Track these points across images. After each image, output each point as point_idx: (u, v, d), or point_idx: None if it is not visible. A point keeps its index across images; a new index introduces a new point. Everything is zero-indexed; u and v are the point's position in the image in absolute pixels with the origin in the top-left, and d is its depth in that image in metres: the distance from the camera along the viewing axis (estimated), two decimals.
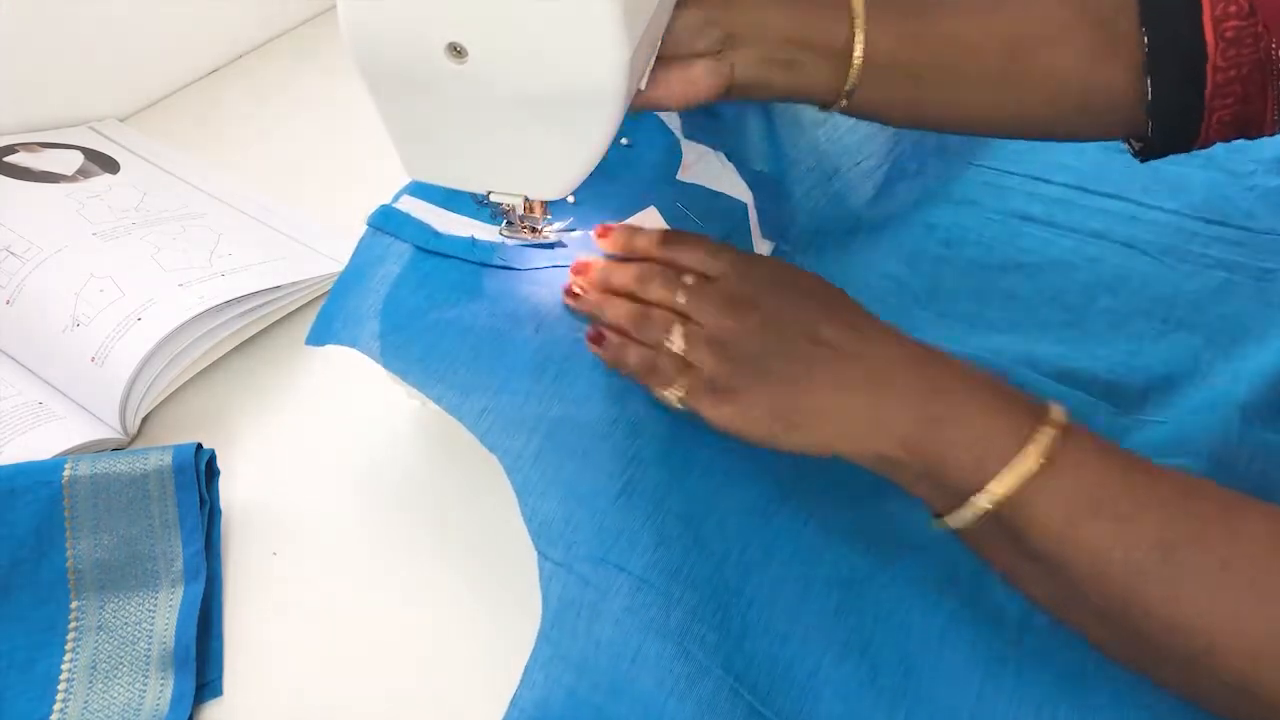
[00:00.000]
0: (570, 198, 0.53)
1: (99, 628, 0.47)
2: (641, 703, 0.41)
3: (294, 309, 0.63)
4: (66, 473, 0.49)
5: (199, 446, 0.51)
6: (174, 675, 0.46)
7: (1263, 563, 0.35)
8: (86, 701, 0.45)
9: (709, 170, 0.57)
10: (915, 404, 0.41)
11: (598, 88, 0.42)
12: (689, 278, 0.46)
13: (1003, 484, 0.38)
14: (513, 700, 0.42)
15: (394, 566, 0.50)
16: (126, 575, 0.49)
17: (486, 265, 0.52)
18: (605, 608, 0.43)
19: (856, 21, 0.48)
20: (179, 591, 0.48)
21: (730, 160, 0.59)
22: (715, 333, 0.44)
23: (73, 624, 0.48)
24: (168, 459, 0.50)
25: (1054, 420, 0.39)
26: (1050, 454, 0.38)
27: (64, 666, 0.46)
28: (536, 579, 0.44)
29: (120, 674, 0.46)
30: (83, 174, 0.71)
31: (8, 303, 0.59)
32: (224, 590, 0.50)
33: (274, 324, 0.63)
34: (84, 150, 0.74)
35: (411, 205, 0.55)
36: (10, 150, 0.71)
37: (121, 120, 0.80)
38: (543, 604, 0.44)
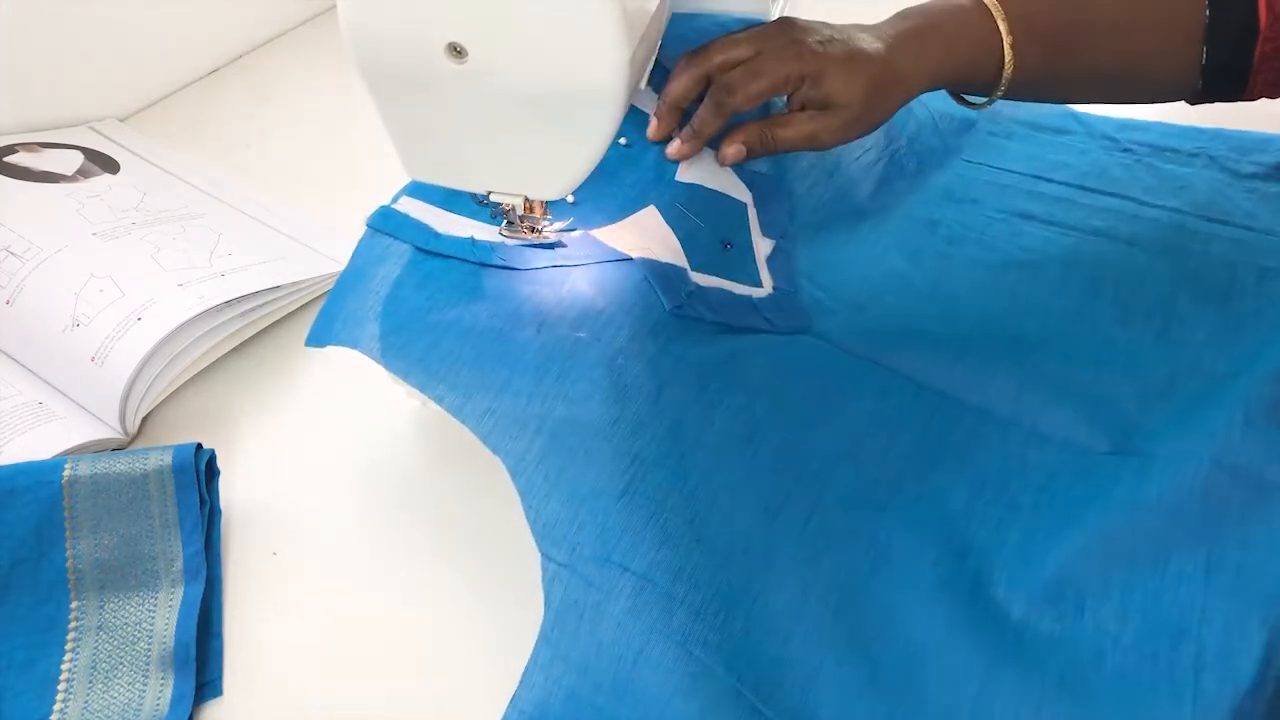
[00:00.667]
0: (570, 198, 0.53)
1: (99, 628, 0.47)
2: (644, 703, 0.41)
3: (294, 309, 0.63)
4: (66, 473, 0.49)
5: (199, 446, 0.51)
6: (174, 675, 0.46)
7: None
8: (86, 701, 0.45)
9: (707, 170, 0.57)
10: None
11: (598, 88, 0.42)
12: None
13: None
14: (511, 701, 0.42)
15: (394, 566, 0.50)
16: (126, 575, 0.49)
17: (486, 265, 0.52)
18: (608, 609, 0.43)
19: (1006, 69, 0.57)
20: (179, 591, 0.48)
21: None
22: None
23: (73, 624, 0.48)
24: (168, 459, 0.50)
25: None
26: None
27: (64, 666, 0.46)
28: (537, 579, 0.44)
29: (120, 674, 0.46)
30: (83, 174, 0.71)
31: (8, 303, 0.59)
32: (224, 590, 0.50)
33: (274, 324, 0.63)
34: (84, 150, 0.74)
35: (410, 206, 0.55)
36: (10, 150, 0.71)
37: (121, 120, 0.80)
38: (545, 606, 0.44)
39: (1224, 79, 0.59)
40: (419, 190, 0.56)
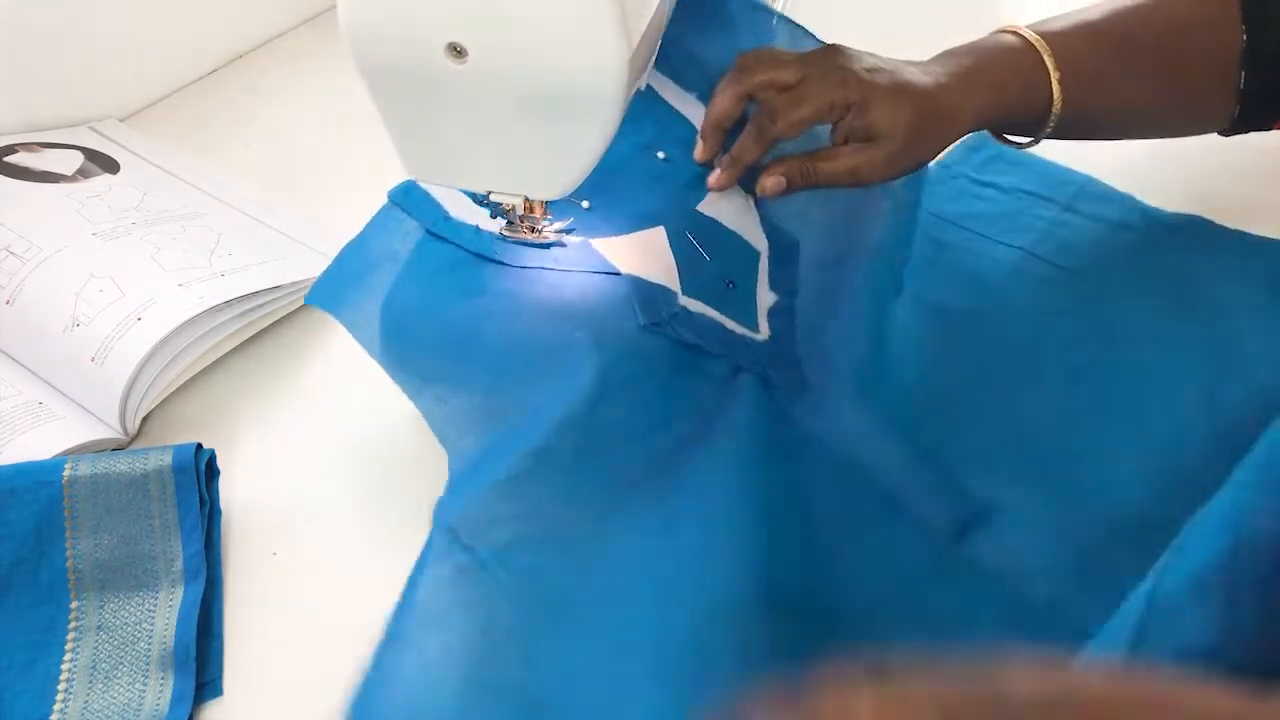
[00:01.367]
0: (584, 203, 0.53)
1: (99, 628, 0.47)
2: (413, 650, 0.42)
3: (294, 309, 0.63)
4: (66, 473, 0.49)
5: (199, 446, 0.51)
6: (174, 675, 0.46)
7: None
8: (86, 701, 0.45)
9: (731, 208, 0.56)
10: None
11: (598, 88, 0.42)
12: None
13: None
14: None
15: (394, 566, 0.50)
16: (126, 575, 0.49)
17: (480, 256, 0.52)
18: (433, 571, 0.43)
19: (1055, 107, 0.56)
20: (179, 591, 0.48)
21: (756, 208, 0.58)
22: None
23: (73, 624, 0.48)
24: (168, 459, 0.50)
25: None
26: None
27: (64, 666, 0.46)
28: None
29: (120, 674, 0.46)
30: (83, 174, 0.70)
31: (8, 303, 0.59)
32: (224, 590, 0.50)
33: (274, 324, 0.63)
34: (84, 150, 0.74)
35: (432, 185, 0.55)
36: (10, 150, 0.71)
37: (121, 120, 0.80)
38: None
39: (1259, 105, 0.58)
40: None
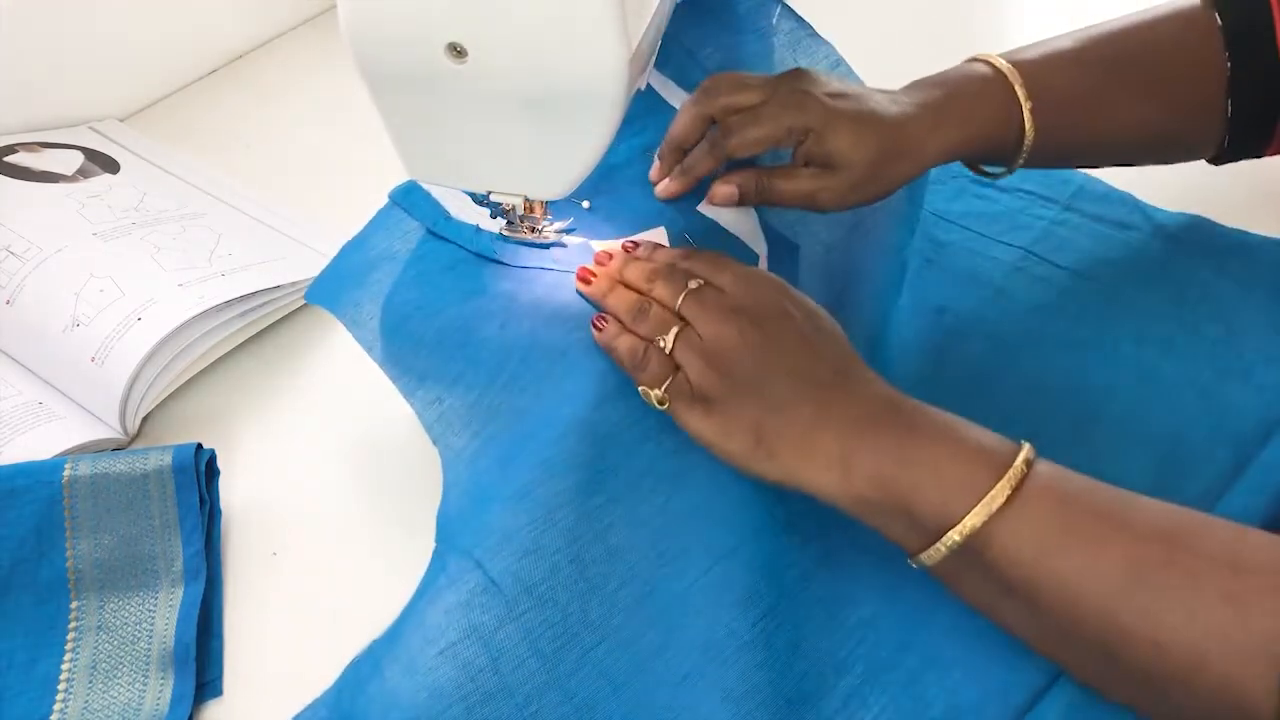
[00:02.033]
0: (585, 203, 0.53)
1: (99, 628, 0.47)
2: (429, 691, 0.41)
3: (294, 309, 0.63)
4: (66, 473, 0.49)
5: (199, 446, 0.51)
6: (174, 675, 0.46)
7: (1231, 574, 0.36)
8: (86, 701, 0.45)
9: (731, 210, 0.55)
10: (889, 447, 0.42)
11: (598, 88, 0.42)
12: (694, 282, 0.46)
13: (972, 518, 0.39)
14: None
15: (394, 566, 0.50)
16: (126, 575, 0.49)
17: (480, 256, 0.52)
18: (446, 595, 0.43)
19: (1027, 138, 0.54)
20: (179, 591, 0.48)
21: (757, 211, 0.57)
22: (711, 343, 0.44)
23: (73, 624, 0.48)
24: (168, 459, 0.50)
25: (1022, 455, 0.40)
26: (1016, 487, 0.39)
27: (64, 666, 0.46)
28: None
29: (120, 674, 0.46)
30: (83, 174, 0.71)
31: (8, 303, 0.59)
32: (224, 590, 0.50)
33: (274, 324, 0.63)
34: (84, 150, 0.74)
35: (432, 185, 0.55)
36: (10, 150, 0.71)
37: (121, 120, 0.80)
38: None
39: (1249, 132, 0.57)
40: None
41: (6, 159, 0.70)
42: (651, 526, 0.45)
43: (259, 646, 0.48)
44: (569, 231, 0.53)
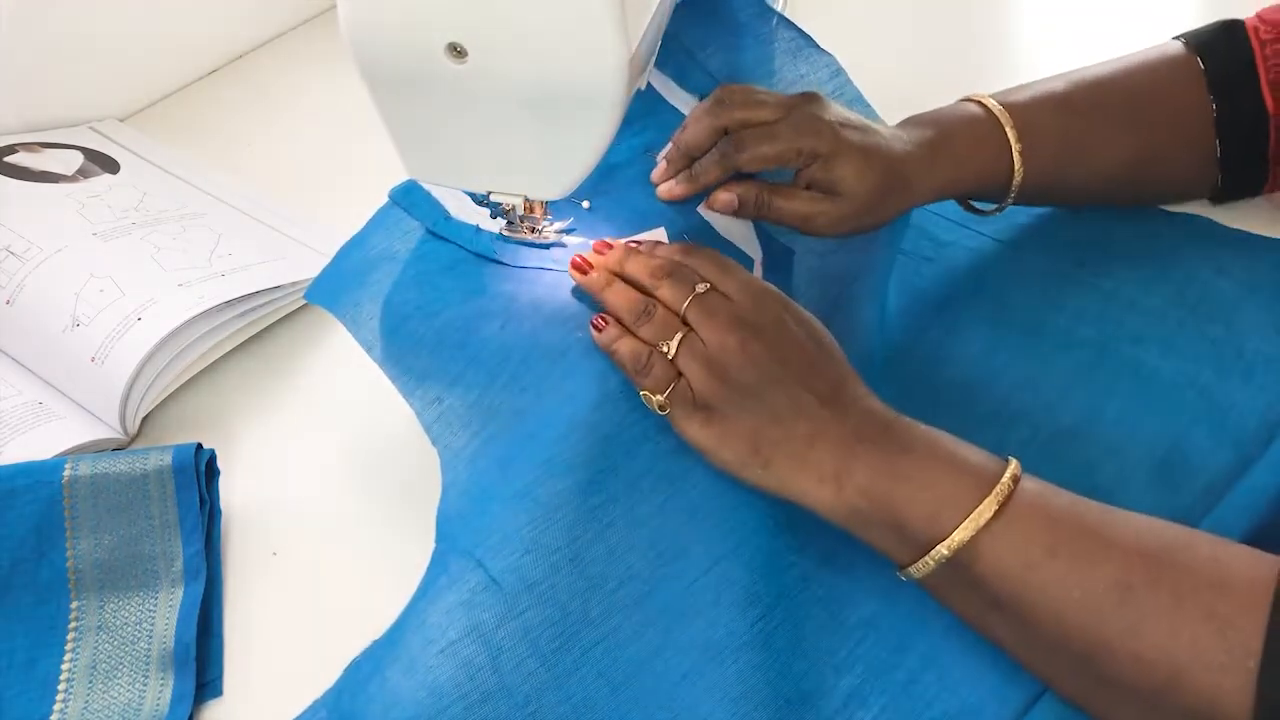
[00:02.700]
0: (585, 203, 0.53)
1: (99, 628, 0.47)
2: (429, 690, 0.41)
3: (294, 309, 0.63)
4: (66, 473, 0.49)
5: (199, 446, 0.51)
6: (174, 675, 0.46)
7: (1214, 593, 0.37)
8: (86, 701, 0.45)
9: (728, 216, 0.55)
10: (881, 463, 0.43)
11: (598, 88, 0.42)
12: (702, 285, 0.47)
13: (960, 533, 0.40)
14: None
15: (394, 566, 0.50)
16: (126, 575, 0.49)
17: (480, 256, 0.52)
18: (447, 595, 0.43)
19: (1016, 179, 0.56)
20: (179, 591, 0.48)
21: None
22: (715, 352, 0.44)
23: (73, 624, 0.48)
24: (168, 459, 0.50)
25: (1009, 472, 0.42)
26: (1003, 503, 0.40)
27: (64, 666, 0.46)
28: None
29: (120, 674, 0.46)
30: (83, 174, 0.70)
31: (8, 303, 0.59)
32: (224, 590, 0.50)
33: (274, 324, 0.63)
34: (84, 150, 0.74)
35: (432, 185, 0.55)
36: (10, 150, 0.71)
37: (121, 120, 0.80)
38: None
39: (1243, 171, 0.59)
40: None
41: (6, 159, 0.70)
42: (650, 526, 0.45)
43: (259, 646, 0.48)
44: (569, 231, 0.53)
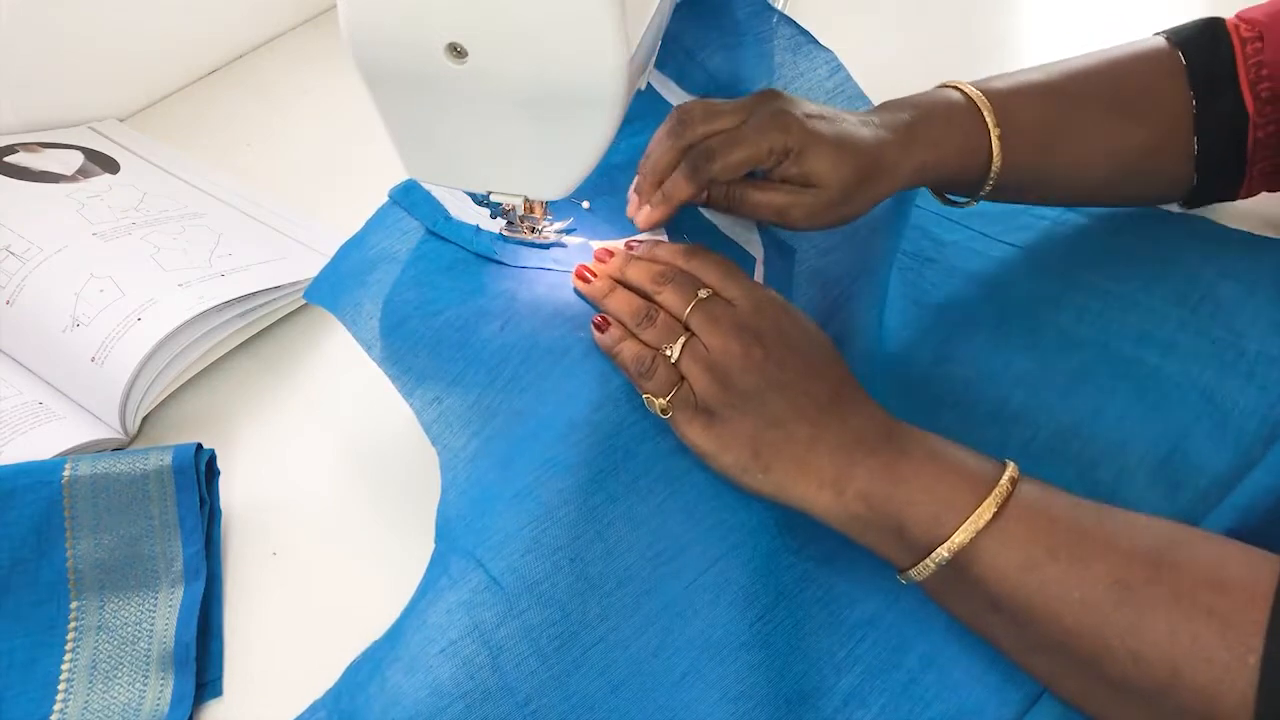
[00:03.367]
0: (585, 203, 0.53)
1: (99, 628, 0.47)
2: (430, 689, 0.41)
3: (294, 309, 0.63)
4: (66, 473, 0.49)
5: (199, 446, 0.51)
6: (174, 675, 0.46)
7: (1213, 591, 0.37)
8: (86, 701, 0.45)
9: (729, 216, 0.55)
10: (881, 468, 0.43)
11: (598, 88, 0.42)
12: (704, 291, 0.47)
13: (959, 535, 0.40)
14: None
15: (394, 566, 0.50)
16: (126, 575, 0.49)
17: (480, 256, 0.52)
18: (448, 595, 0.43)
19: (994, 164, 0.55)
20: (179, 591, 0.48)
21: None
22: (718, 357, 0.45)
23: (73, 624, 0.48)
24: (168, 459, 0.50)
25: (1008, 474, 0.42)
26: (1001, 505, 0.41)
27: (64, 666, 0.46)
28: None
29: (120, 674, 0.46)
30: (83, 174, 0.71)
31: (8, 303, 0.59)
32: (224, 590, 0.50)
33: (274, 324, 0.63)
34: (84, 150, 0.74)
35: (432, 185, 0.55)
36: (10, 150, 0.71)
37: (121, 120, 0.80)
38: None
39: (1220, 172, 0.58)
40: None
41: (6, 159, 0.70)
42: (649, 526, 0.45)
43: (259, 646, 0.48)
44: (569, 231, 0.53)
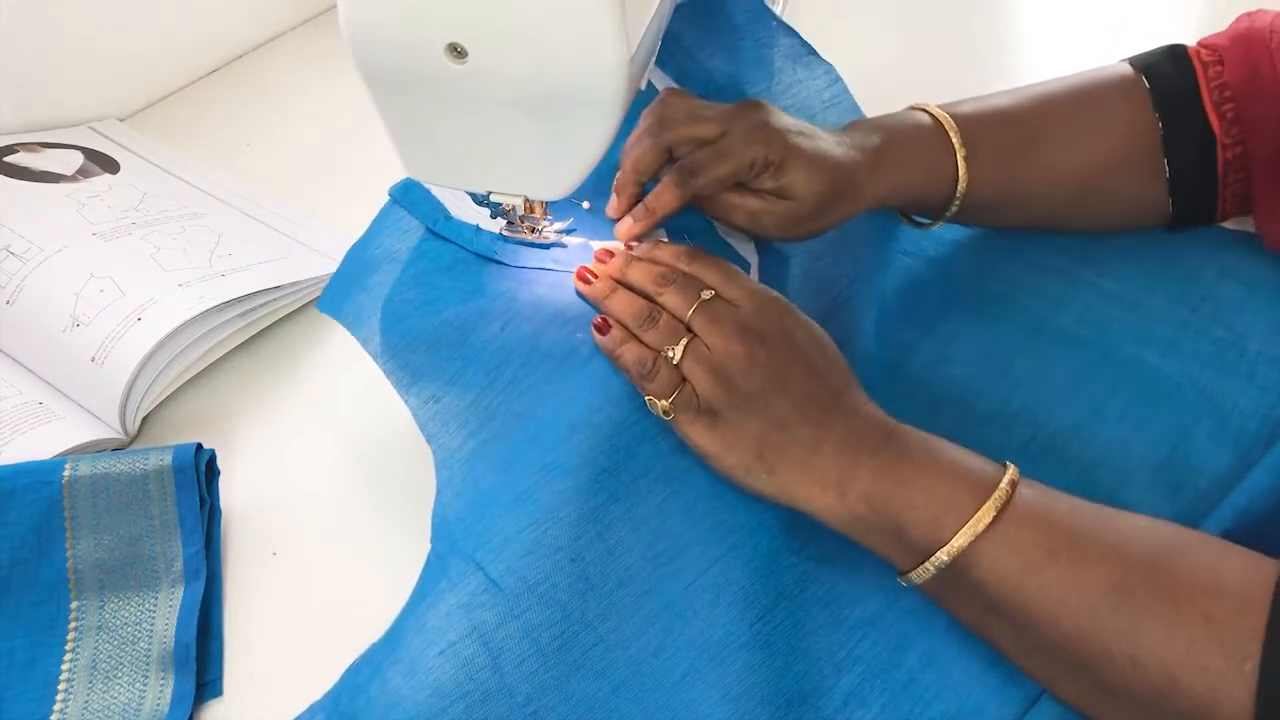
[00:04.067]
0: (585, 203, 0.53)
1: (99, 628, 0.47)
2: (430, 690, 0.41)
3: (294, 309, 0.63)
4: (66, 473, 0.49)
5: (199, 446, 0.51)
6: (174, 675, 0.46)
7: (1210, 597, 0.37)
8: (86, 701, 0.45)
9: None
10: (882, 470, 0.43)
11: (598, 88, 0.42)
12: (707, 292, 0.47)
13: (959, 539, 0.41)
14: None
15: (394, 566, 0.50)
16: (126, 575, 0.49)
17: (480, 256, 0.52)
18: (447, 598, 0.43)
19: (960, 185, 0.55)
20: (179, 591, 0.48)
21: None
22: (721, 358, 0.45)
23: (73, 624, 0.48)
24: (168, 459, 0.50)
25: (1007, 477, 0.42)
26: (1001, 508, 0.41)
27: (64, 666, 0.46)
28: None
29: (120, 674, 0.46)
30: (83, 174, 0.70)
31: (8, 303, 0.59)
32: (224, 590, 0.50)
33: (274, 324, 0.63)
34: (84, 150, 0.74)
35: (432, 185, 0.55)
36: (10, 150, 0.71)
37: (121, 120, 0.80)
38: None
39: (1194, 196, 0.58)
40: None
41: (6, 159, 0.70)
42: (649, 526, 0.45)
43: (259, 646, 0.48)
44: (569, 232, 0.53)
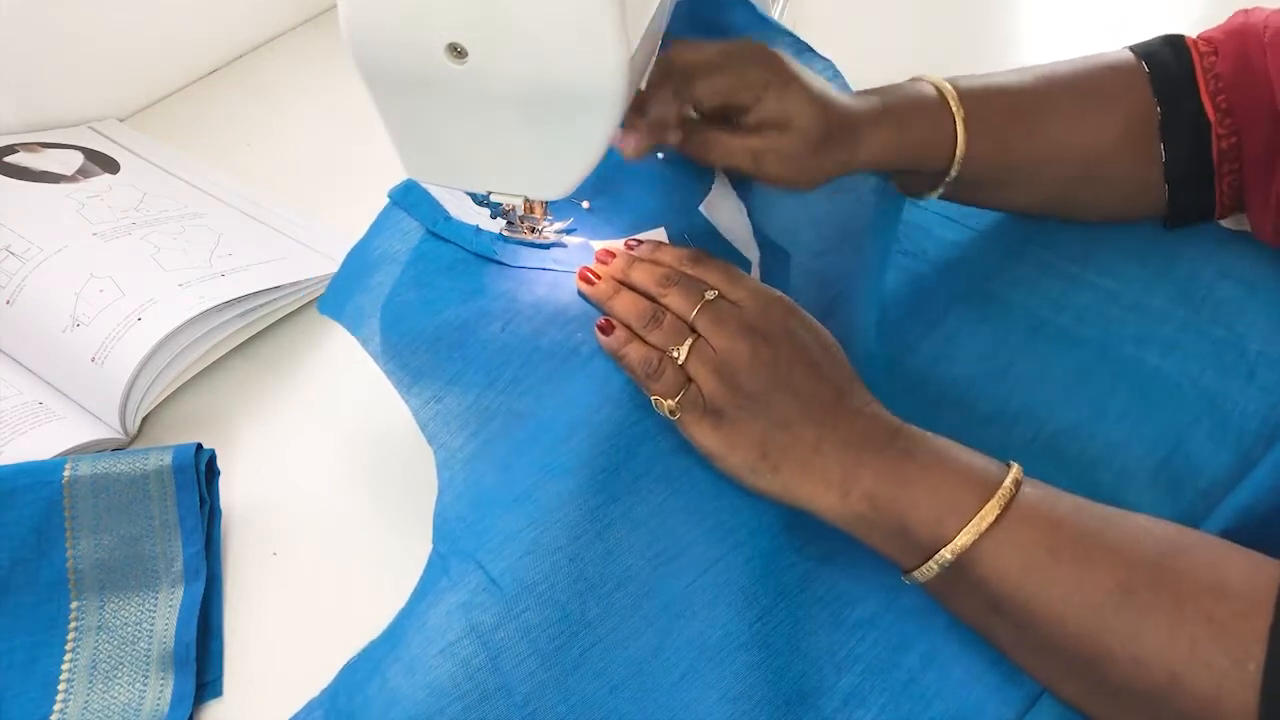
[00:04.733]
0: (585, 203, 0.53)
1: (99, 628, 0.47)
2: (428, 690, 0.41)
3: (294, 309, 0.63)
4: (66, 473, 0.49)
5: (199, 446, 0.51)
6: (174, 675, 0.46)
7: (1212, 597, 0.37)
8: (86, 701, 0.45)
9: (727, 215, 0.55)
10: (886, 469, 0.43)
11: (598, 88, 0.42)
12: (710, 293, 0.47)
13: (962, 537, 0.41)
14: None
15: (394, 566, 0.50)
16: (126, 575, 0.49)
17: (480, 256, 0.52)
18: (448, 597, 0.43)
19: (958, 149, 0.55)
20: (179, 591, 0.48)
21: (750, 218, 0.57)
22: (725, 358, 0.45)
23: (73, 624, 0.48)
24: (168, 459, 0.50)
25: (1011, 476, 0.42)
26: (1006, 506, 0.41)
27: (64, 666, 0.46)
28: None
29: (120, 674, 0.46)
30: (83, 174, 0.70)
31: (8, 303, 0.59)
32: (224, 590, 0.50)
33: (274, 324, 0.63)
34: (84, 150, 0.74)
35: (432, 185, 0.55)
36: (10, 150, 0.71)
37: (121, 120, 0.80)
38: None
39: (1190, 185, 0.58)
40: None
41: (6, 159, 0.70)
42: (649, 526, 0.45)
43: (259, 646, 0.48)
44: (569, 232, 0.53)
